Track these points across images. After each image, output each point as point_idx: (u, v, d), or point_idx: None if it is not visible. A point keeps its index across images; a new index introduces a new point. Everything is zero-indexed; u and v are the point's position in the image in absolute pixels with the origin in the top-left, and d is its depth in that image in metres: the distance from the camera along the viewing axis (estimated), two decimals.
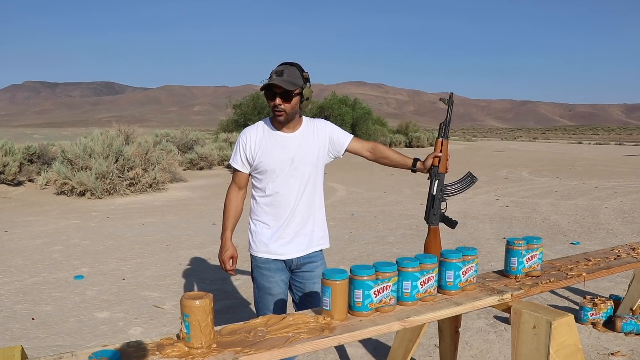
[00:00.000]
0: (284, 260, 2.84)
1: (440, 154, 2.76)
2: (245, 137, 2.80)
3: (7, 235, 8.12)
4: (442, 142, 2.76)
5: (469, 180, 2.90)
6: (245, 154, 2.79)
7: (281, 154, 2.75)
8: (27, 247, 7.30)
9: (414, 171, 2.89)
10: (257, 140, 2.77)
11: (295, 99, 2.67)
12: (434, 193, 2.76)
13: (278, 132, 2.77)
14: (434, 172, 2.77)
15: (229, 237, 2.89)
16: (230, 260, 2.88)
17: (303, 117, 2.84)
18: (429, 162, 2.80)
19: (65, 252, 6.98)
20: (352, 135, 2.96)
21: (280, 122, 2.72)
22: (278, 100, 2.63)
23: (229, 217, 2.90)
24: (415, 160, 2.89)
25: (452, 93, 2.83)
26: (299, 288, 2.90)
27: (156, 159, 13.92)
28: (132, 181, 12.89)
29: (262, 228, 2.84)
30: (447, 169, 2.79)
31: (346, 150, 2.93)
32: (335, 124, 2.95)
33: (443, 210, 2.79)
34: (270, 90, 2.64)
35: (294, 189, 2.79)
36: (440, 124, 2.78)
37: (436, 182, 2.76)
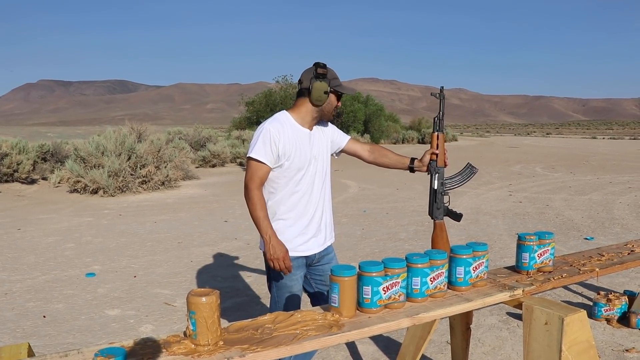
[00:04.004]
0: (305, 257, 2.83)
1: (437, 151, 2.76)
2: (277, 131, 2.68)
3: (20, 233, 8.17)
4: (437, 135, 2.76)
5: (469, 171, 2.88)
6: (277, 148, 2.67)
7: (309, 152, 2.76)
8: (40, 244, 7.34)
9: (412, 170, 2.89)
10: (288, 136, 2.70)
11: None
12: (436, 187, 2.75)
13: (303, 128, 2.78)
14: (433, 166, 2.77)
15: (275, 234, 2.71)
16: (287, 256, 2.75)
17: None
18: (427, 158, 2.80)
19: (77, 250, 7.02)
20: (350, 137, 3.01)
21: (328, 121, 2.88)
22: (339, 102, 2.83)
23: (266, 214, 2.72)
24: (413, 159, 2.90)
25: (442, 87, 2.82)
26: (320, 281, 2.91)
27: (169, 157, 13.96)
28: (144, 179, 12.94)
29: (285, 226, 2.78)
30: (445, 162, 2.78)
31: (342, 151, 3.00)
32: (347, 121, 3.00)
33: (446, 204, 2.77)
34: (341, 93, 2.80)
35: (316, 185, 2.82)
36: (434, 118, 2.77)
37: (436, 176, 2.75)
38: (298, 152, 2.71)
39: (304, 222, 2.79)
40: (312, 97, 2.70)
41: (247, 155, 2.74)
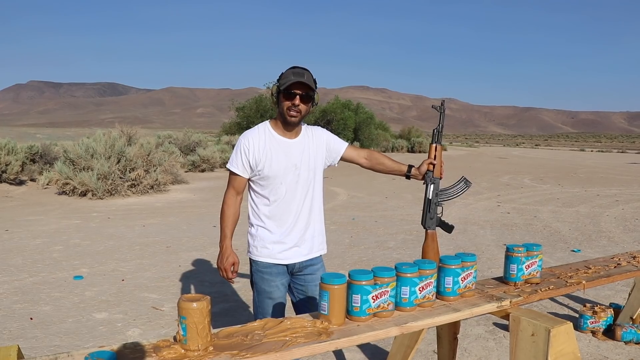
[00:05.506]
0: (285, 265, 2.83)
1: (434, 161, 2.81)
2: (248, 141, 2.74)
3: (7, 234, 8.12)
4: (435, 147, 2.81)
5: (464, 184, 2.93)
6: (248, 159, 2.73)
7: (286, 161, 2.74)
8: (28, 246, 7.30)
9: (408, 177, 2.92)
10: (260, 146, 2.72)
11: (310, 103, 2.71)
12: (430, 197, 2.78)
13: (281, 138, 2.76)
14: (429, 176, 2.82)
15: (229, 245, 2.83)
16: (232, 267, 2.84)
17: (301, 123, 2.84)
18: (424, 168, 2.85)
19: (65, 252, 6.98)
20: (347, 143, 3.00)
21: (291, 124, 2.71)
22: (298, 100, 2.63)
23: (229, 224, 2.84)
24: (410, 167, 2.92)
25: (443, 100, 2.88)
26: (301, 291, 2.90)
27: (158, 161, 13.92)
28: (133, 182, 12.90)
29: (264, 233, 2.81)
30: (441, 174, 2.83)
31: (341, 159, 2.97)
32: (338, 128, 2.97)
33: (439, 215, 2.80)
34: (290, 90, 2.62)
35: (297, 195, 2.79)
36: (434, 130, 2.84)
37: (431, 186, 2.79)
38: (269, 161, 2.71)
39: (282, 231, 2.79)
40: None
41: None
